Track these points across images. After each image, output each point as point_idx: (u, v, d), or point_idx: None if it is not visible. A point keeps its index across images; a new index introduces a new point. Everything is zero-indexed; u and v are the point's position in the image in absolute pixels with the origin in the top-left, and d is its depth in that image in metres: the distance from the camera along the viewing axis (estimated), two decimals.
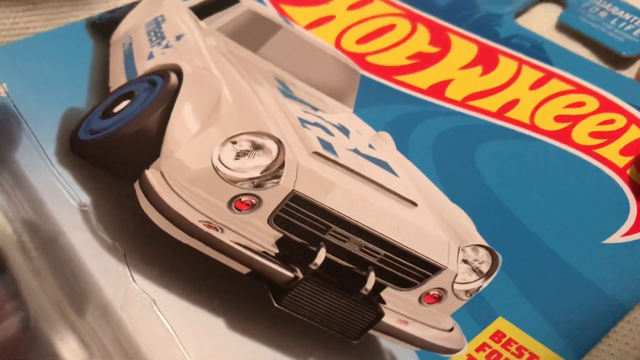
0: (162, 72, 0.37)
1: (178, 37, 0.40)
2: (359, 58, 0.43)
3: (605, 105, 0.40)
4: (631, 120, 0.39)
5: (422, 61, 0.43)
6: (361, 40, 0.44)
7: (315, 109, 0.38)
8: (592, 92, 0.41)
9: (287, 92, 0.38)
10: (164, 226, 0.31)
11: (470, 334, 0.31)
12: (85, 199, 0.32)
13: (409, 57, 0.43)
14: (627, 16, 0.45)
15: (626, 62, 0.44)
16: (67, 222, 0.31)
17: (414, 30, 0.45)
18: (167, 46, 0.39)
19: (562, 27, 0.46)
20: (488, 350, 0.30)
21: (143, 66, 0.38)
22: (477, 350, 0.30)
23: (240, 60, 0.39)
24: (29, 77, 0.37)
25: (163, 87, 0.36)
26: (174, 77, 0.36)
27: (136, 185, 0.32)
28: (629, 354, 0.31)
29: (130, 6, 0.44)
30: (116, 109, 0.35)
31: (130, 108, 0.35)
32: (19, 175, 0.33)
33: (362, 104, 0.40)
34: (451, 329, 0.32)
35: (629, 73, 0.43)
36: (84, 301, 0.29)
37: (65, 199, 0.32)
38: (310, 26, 0.45)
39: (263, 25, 0.43)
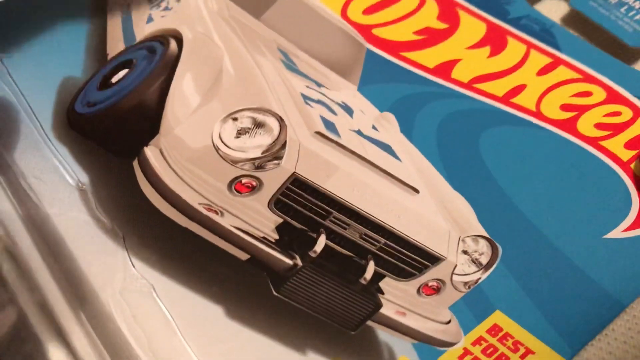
0: (162, 38, 0.35)
1: None
2: (365, 30, 0.42)
3: (612, 97, 0.39)
4: (638, 113, 0.38)
5: (430, 37, 0.42)
6: (368, 11, 0.43)
7: (319, 85, 0.37)
8: (599, 82, 0.40)
9: (290, 65, 0.37)
10: (163, 208, 0.31)
11: (467, 326, 0.31)
12: (84, 177, 0.31)
13: (416, 32, 0.42)
14: (637, 4, 0.43)
15: (632, 54, 0.43)
16: (65, 202, 0.31)
17: (422, 2, 0.43)
18: (166, 8, 0.38)
19: (572, 13, 0.45)
20: (484, 344, 0.30)
21: (142, 30, 0.37)
22: (474, 344, 0.31)
23: (242, 27, 0.38)
24: (23, 41, 0.36)
25: (162, 55, 0.34)
26: (173, 44, 0.35)
27: (135, 163, 0.32)
28: (627, 353, 0.31)
29: None
30: (114, 79, 0.34)
31: (128, 78, 0.34)
32: (16, 151, 0.32)
33: (366, 81, 0.39)
34: (449, 322, 0.32)
35: (636, 66, 0.42)
36: (82, 288, 0.28)
37: (63, 177, 0.31)
38: None
39: None
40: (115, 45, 0.37)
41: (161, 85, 0.33)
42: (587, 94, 0.40)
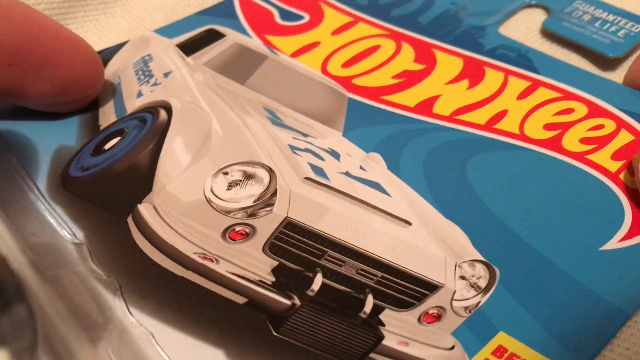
0: (152, 109, 0.37)
1: (166, 75, 0.40)
2: (346, 81, 0.43)
3: (594, 111, 0.40)
4: (620, 124, 0.39)
5: (408, 79, 0.43)
6: (347, 64, 0.44)
7: (305, 135, 0.38)
8: (580, 98, 0.40)
9: (276, 121, 0.38)
10: (159, 259, 0.31)
11: (472, 350, 0.30)
12: (79, 234, 0.33)
13: (394, 77, 0.43)
14: (611, 17, 0.44)
15: (614, 63, 0.44)
16: (61, 257, 0.31)
17: (398, 49, 0.45)
18: (155, 84, 0.40)
19: (547, 33, 0.46)
20: None
21: (132, 104, 0.39)
22: None
23: (228, 92, 0.40)
24: (22, 114, 0.38)
25: (153, 123, 0.36)
26: (163, 113, 0.37)
27: (129, 219, 0.33)
28: (630, 359, 0.30)
29: (118, 47, 0.45)
30: (107, 146, 0.36)
31: (120, 145, 0.36)
32: (11, 212, 0.33)
33: (351, 127, 0.40)
34: (452, 347, 0.31)
35: (619, 74, 0.43)
36: (80, 336, 0.29)
37: (58, 234, 0.32)
38: (295, 54, 0.45)
39: (249, 56, 0.44)
40: (107, 118, 0.38)
41: (152, 149, 0.35)
42: (569, 111, 0.40)
